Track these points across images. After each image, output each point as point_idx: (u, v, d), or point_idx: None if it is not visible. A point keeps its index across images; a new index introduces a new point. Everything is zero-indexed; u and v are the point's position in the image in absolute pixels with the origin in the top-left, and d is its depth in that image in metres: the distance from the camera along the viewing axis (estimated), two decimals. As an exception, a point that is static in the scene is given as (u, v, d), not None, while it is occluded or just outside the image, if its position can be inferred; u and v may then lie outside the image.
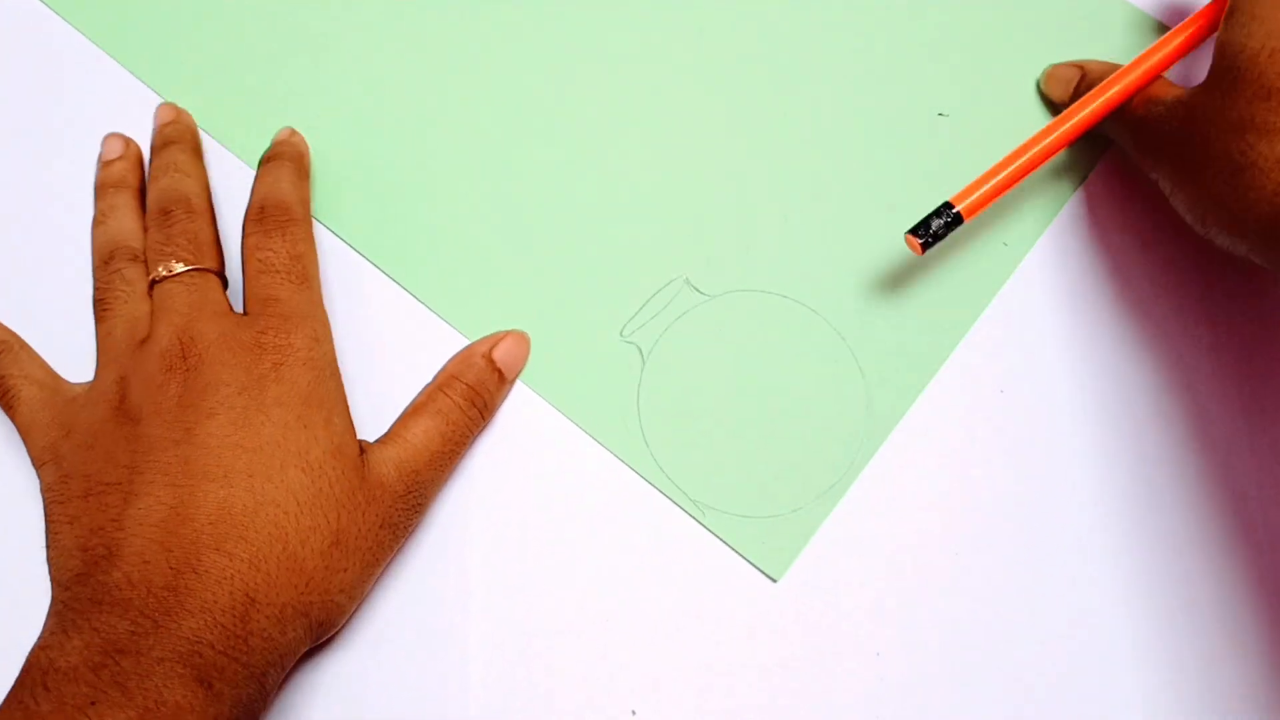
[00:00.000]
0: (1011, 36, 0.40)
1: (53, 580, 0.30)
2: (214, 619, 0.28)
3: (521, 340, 0.36)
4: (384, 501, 0.31)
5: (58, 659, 0.27)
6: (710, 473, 0.35)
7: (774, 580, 0.34)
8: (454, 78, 0.40)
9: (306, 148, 0.38)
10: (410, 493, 0.32)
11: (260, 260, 0.33)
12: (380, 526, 0.31)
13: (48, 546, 0.31)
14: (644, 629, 0.34)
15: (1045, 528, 0.35)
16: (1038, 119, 0.39)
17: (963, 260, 0.38)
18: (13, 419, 0.34)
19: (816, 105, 0.40)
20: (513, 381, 0.36)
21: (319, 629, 0.30)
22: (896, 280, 0.37)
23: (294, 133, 0.38)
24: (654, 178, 0.38)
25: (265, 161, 0.37)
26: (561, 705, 0.33)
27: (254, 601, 0.29)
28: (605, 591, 0.34)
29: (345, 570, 0.30)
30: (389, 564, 0.33)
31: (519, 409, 0.36)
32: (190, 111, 0.39)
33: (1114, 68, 0.37)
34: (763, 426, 0.36)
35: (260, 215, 0.34)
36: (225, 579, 0.28)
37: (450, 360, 0.35)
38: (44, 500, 0.32)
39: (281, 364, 0.31)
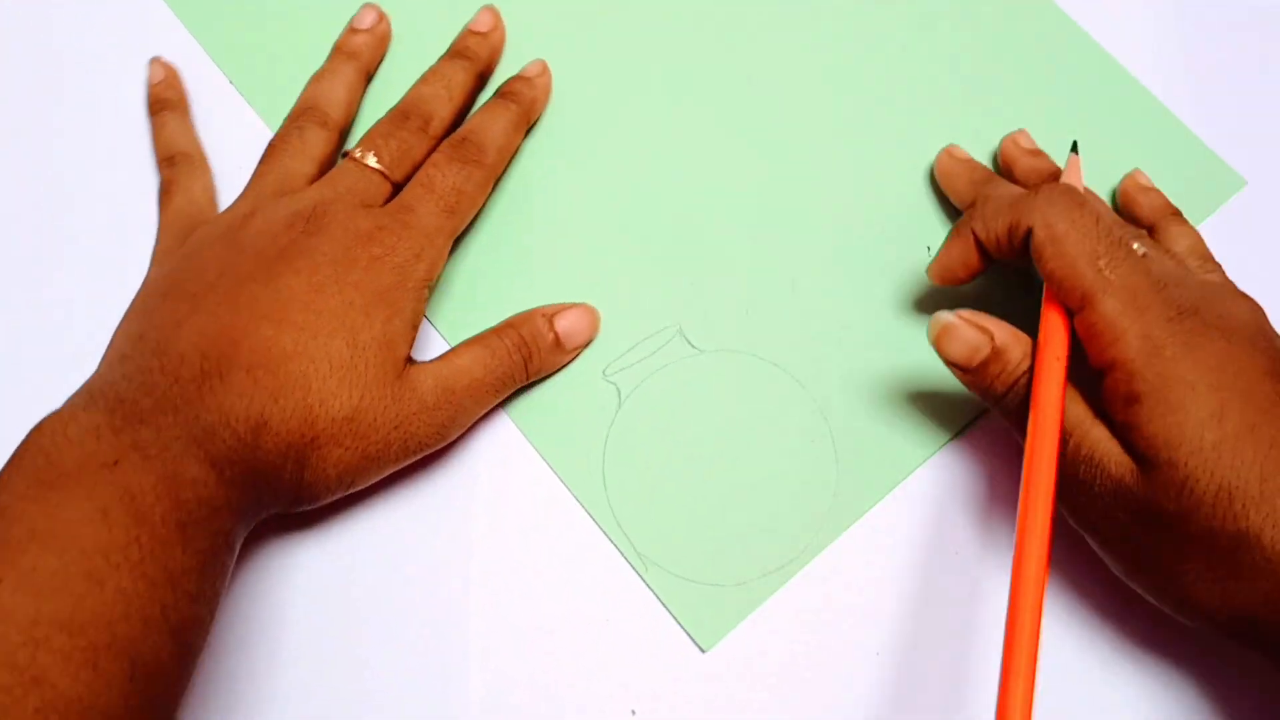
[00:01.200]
0: (1041, 122, 0.39)
1: (103, 358, 0.32)
2: (227, 422, 0.30)
3: (587, 314, 0.36)
4: (409, 406, 0.32)
5: (81, 417, 0.28)
6: (662, 527, 0.34)
7: (703, 650, 0.33)
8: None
9: (545, 96, 0.39)
10: (439, 408, 0.33)
11: (427, 176, 0.35)
12: (395, 427, 0.32)
13: (114, 332, 0.33)
14: (644, 629, 0.34)
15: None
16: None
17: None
18: (159, 215, 0.37)
19: (848, 182, 0.39)
20: (571, 352, 0.36)
21: (301, 490, 0.31)
22: (891, 375, 0.36)
23: (544, 73, 0.39)
24: (667, 221, 0.38)
25: (498, 93, 0.38)
26: (561, 705, 0.33)
27: (266, 425, 0.30)
28: (605, 591, 0.34)
29: (346, 449, 0.31)
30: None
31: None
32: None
33: (1024, 339, 0.31)
34: (724, 492, 0.35)
35: (460, 142, 0.36)
36: (245, 395, 0.30)
37: (519, 313, 0.36)
38: (137, 293, 0.34)
39: (377, 259, 0.33)
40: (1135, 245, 0.31)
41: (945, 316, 0.32)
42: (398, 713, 0.33)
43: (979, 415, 0.36)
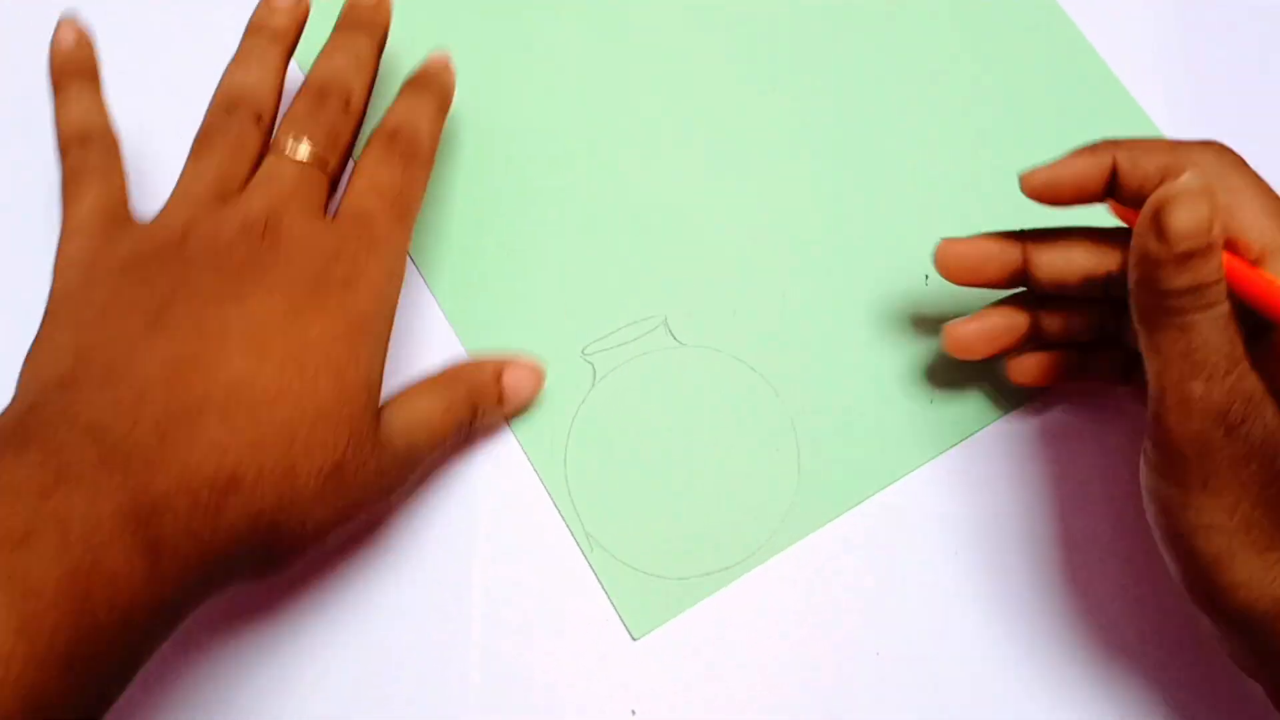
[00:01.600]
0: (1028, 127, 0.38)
1: (28, 377, 0.28)
2: (189, 485, 0.25)
3: (533, 373, 0.35)
4: (386, 454, 0.29)
5: (7, 463, 0.24)
6: (614, 511, 0.34)
7: (634, 638, 0.33)
8: (487, 91, 0.40)
9: (454, 84, 0.35)
10: (406, 459, 0.31)
11: (372, 178, 0.32)
12: (377, 474, 0.29)
13: (35, 342, 0.29)
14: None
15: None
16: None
17: (935, 406, 0.36)
18: (65, 211, 0.31)
19: (855, 206, 0.39)
20: (511, 411, 0.35)
21: (273, 559, 0.28)
22: (867, 398, 0.36)
23: (448, 67, 0.35)
24: (669, 211, 0.38)
25: (412, 84, 0.34)
26: (561, 705, 0.33)
27: (237, 487, 0.26)
28: (605, 591, 0.34)
29: (329, 505, 0.28)
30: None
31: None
32: None
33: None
34: (681, 487, 0.35)
35: (391, 137, 0.32)
36: (216, 448, 0.26)
37: (463, 362, 0.34)
38: (50, 300, 0.29)
39: (351, 281, 0.29)
40: None
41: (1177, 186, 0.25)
42: (398, 713, 0.32)
43: (946, 449, 0.36)
